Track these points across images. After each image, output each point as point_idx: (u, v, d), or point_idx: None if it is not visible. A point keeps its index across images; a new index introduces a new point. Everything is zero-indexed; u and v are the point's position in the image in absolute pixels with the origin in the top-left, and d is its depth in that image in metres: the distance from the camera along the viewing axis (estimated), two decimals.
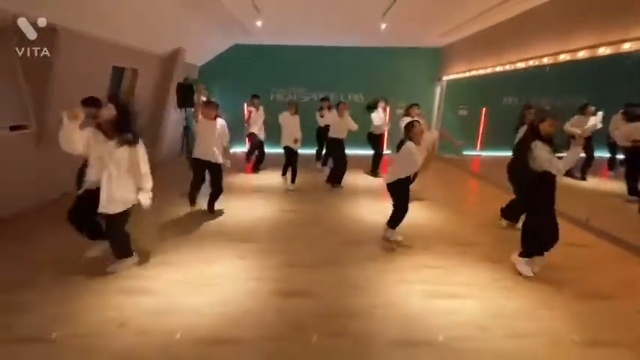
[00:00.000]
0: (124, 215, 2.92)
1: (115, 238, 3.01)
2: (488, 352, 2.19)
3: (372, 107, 6.95)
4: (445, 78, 8.86)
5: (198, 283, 2.92)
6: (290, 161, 5.87)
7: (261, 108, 7.32)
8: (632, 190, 5.02)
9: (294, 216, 4.64)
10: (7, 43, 4.29)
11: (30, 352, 2.13)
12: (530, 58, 5.20)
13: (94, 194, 2.79)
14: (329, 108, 7.08)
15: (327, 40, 8.76)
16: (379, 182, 6.40)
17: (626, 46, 3.68)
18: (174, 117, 8.19)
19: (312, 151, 7.91)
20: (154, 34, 6.13)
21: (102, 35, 5.06)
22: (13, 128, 4.49)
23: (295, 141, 5.70)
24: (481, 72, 6.84)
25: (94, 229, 3.08)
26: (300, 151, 5.90)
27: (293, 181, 5.90)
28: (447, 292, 2.84)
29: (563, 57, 4.49)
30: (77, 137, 2.64)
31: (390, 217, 3.76)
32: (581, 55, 4.27)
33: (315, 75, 9.43)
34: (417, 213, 4.57)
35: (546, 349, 2.23)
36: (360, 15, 6.14)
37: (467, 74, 7.51)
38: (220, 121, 4.39)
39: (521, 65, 5.46)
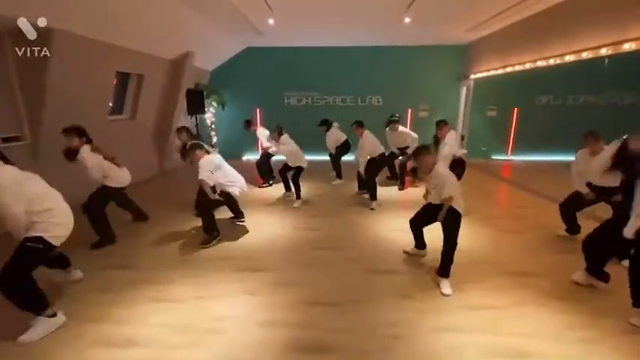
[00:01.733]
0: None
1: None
2: None
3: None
4: (473, 76, 8.14)
5: (197, 329, 2.39)
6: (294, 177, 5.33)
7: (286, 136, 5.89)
8: None
9: (310, 235, 4.07)
10: (31, 54, 3.98)
11: None
12: (582, 50, 4.47)
13: None
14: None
15: (343, 41, 8.21)
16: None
17: None
18: (183, 124, 7.81)
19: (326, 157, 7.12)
20: (160, 37, 5.74)
21: (103, 38, 4.69)
22: (5, 140, 4.15)
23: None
24: (518, 68, 6.11)
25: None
26: (313, 157, 5.36)
27: (298, 197, 5.32)
28: (510, 347, 2.20)
29: (628, 46, 3.77)
30: None
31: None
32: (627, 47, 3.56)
33: (331, 78, 8.88)
34: None
35: None
36: (381, 9, 5.56)
37: (500, 71, 6.79)
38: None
39: (570, 58, 4.72)
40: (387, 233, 4.09)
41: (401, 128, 5.94)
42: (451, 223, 2.84)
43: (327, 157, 6.85)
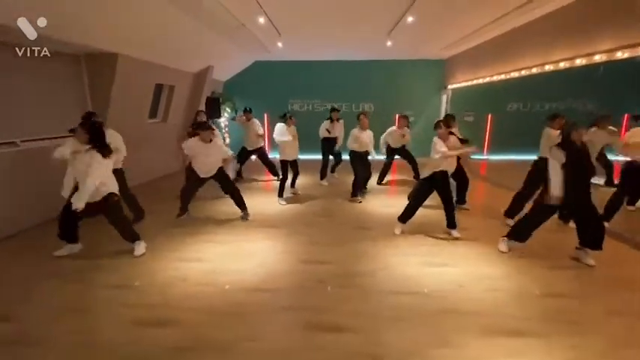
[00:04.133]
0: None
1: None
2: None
3: None
4: (450, 87, 9.51)
5: (238, 256, 3.67)
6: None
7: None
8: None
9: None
10: (79, 71, 5.32)
11: (122, 293, 2.91)
12: (529, 67, 5.82)
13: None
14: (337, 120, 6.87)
15: (339, 56, 9.63)
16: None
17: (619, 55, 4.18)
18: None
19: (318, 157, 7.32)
20: (189, 56, 7.10)
21: (147, 58, 6.03)
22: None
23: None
24: (487, 80, 7.43)
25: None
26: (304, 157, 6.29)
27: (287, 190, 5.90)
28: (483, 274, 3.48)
29: (563, 64, 5.10)
30: None
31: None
32: (568, 64, 4.89)
33: (329, 87, 10.27)
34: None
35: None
36: (368, 34, 6.93)
37: (470, 83, 8.14)
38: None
39: (516, 74, 6.08)
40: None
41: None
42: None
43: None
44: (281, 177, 5.76)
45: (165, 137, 7.87)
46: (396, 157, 6.96)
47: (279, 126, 5.54)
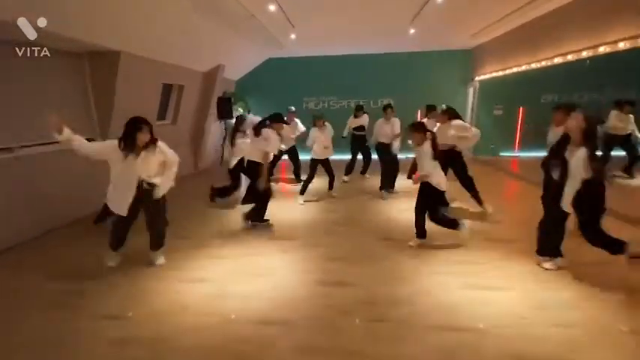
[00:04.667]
0: None
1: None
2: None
3: None
4: (478, 78, 8.76)
5: (247, 274, 3.18)
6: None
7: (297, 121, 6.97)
8: None
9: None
10: (81, 69, 4.99)
11: (110, 326, 2.47)
12: (568, 53, 5.09)
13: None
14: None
15: (357, 49, 9.03)
16: None
17: None
18: (214, 128, 8.78)
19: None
20: (197, 53, 6.70)
21: (154, 57, 5.65)
22: None
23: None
24: (515, 70, 6.73)
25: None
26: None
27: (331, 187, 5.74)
28: (485, 286, 2.88)
29: (602, 49, 4.38)
30: None
31: None
32: (622, 46, 4.16)
33: (346, 83, 9.70)
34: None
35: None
36: (388, 22, 6.32)
37: (500, 73, 7.41)
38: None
39: (558, 60, 5.34)
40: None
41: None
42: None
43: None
44: (307, 177, 5.48)
45: (176, 140, 7.51)
46: None
47: (311, 133, 5.51)
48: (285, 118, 6.87)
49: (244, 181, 5.22)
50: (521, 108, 9.34)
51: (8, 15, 3.17)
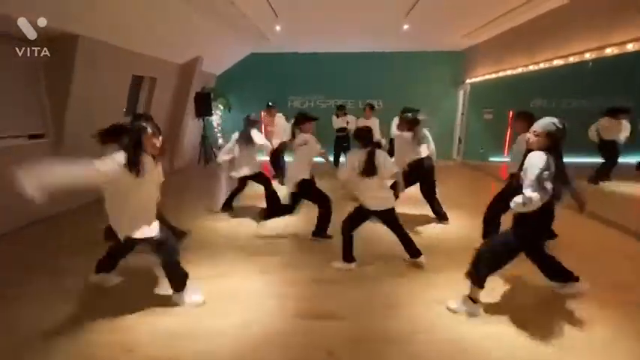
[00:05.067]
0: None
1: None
2: None
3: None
4: (469, 81, 8.49)
5: (216, 301, 2.67)
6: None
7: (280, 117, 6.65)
8: None
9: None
10: (31, 54, 4.32)
11: None
12: (569, 55, 4.80)
13: None
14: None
15: (345, 47, 8.61)
16: None
17: None
18: (192, 126, 8.16)
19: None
20: (172, 43, 6.11)
21: (122, 45, 5.04)
22: (32, 137, 4.48)
23: None
24: (509, 72, 6.46)
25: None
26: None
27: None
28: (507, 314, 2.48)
29: (610, 50, 4.09)
30: None
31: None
32: (630, 47, 3.88)
33: (333, 82, 9.25)
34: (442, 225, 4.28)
35: None
36: (381, 16, 5.91)
37: (494, 76, 7.13)
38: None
39: (558, 62, 5.05)
40: None
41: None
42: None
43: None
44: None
45: None
46: None
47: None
48: (263, 115, 6.51)
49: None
50: (511, 112, 9.15)
51: None
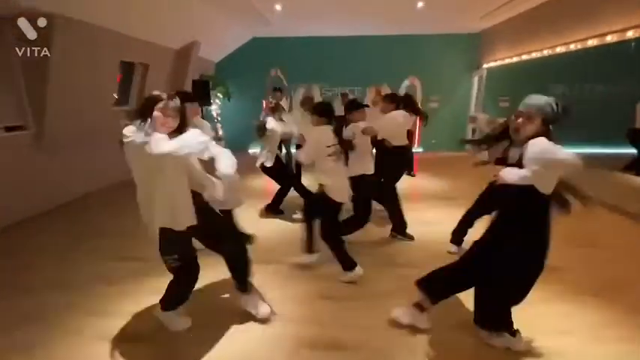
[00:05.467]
0: None
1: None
2: None
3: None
4: (486, 66, 7.89)
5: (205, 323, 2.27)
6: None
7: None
8: None
9: None
10: (3, 37, 3.87)
11: None
12: (608, 33, 4.23)
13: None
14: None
15: (352, 30, 8.03)
16: None
17: None
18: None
19: None
20: (165, 26, 5.61)
21: (107, 25, 4.57)
22: (9, 129, 4.07)
23: None
24: (534, 55, 5.88)
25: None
26: None
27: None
28: (541, 346, 2.04)
29: None
30: None
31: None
32: None
33: (340, 68, 8.70)
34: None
35: None
36: None
37: (515, 59, 6.55)
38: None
39: (593, 43, 4.49)
40: None
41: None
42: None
43: None
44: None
45: None
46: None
47: None
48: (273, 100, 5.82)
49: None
50: None
51: None
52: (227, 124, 8.89)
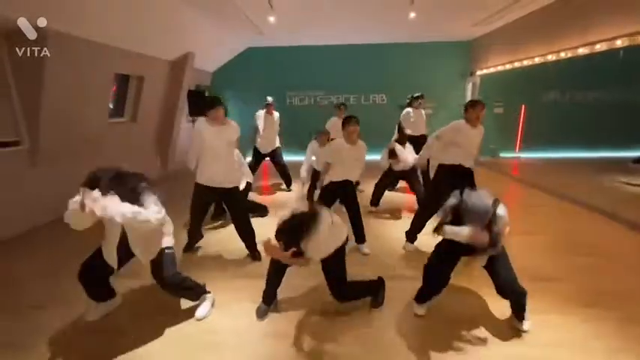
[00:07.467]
0: None
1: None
2: None
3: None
4: (479, 73, 7.97)
5: (192, 343, 2.24)
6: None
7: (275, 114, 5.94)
8: None
9: None
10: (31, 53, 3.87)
11: None
12: (598, 42, 4.29)
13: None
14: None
15: (345, 39, 8.10)
16: None
17: None
18: (185, 127, 7.72)
19: None
20: (158, 38, 5.64)
21: (100, 40, 4.59)
22: (3, 145, 4.05)
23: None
24: (525, 63, 5.95)
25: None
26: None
27: None
28: (536, 358, 2.03)
29: None
30: None
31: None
32: None
33: (334, 76, 8.77)
34: None
35: None
36: (386, 4, 5.42)
37: (508, 66, 6.62)
38: None
39: (584, 51, 4.55)
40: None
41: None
42: None
43: None
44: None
45: (137, 139, 6.46)
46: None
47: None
48: (265, 111, 5.84)
49: None
50: (523, 106, 8.63)
51: None
52: None
